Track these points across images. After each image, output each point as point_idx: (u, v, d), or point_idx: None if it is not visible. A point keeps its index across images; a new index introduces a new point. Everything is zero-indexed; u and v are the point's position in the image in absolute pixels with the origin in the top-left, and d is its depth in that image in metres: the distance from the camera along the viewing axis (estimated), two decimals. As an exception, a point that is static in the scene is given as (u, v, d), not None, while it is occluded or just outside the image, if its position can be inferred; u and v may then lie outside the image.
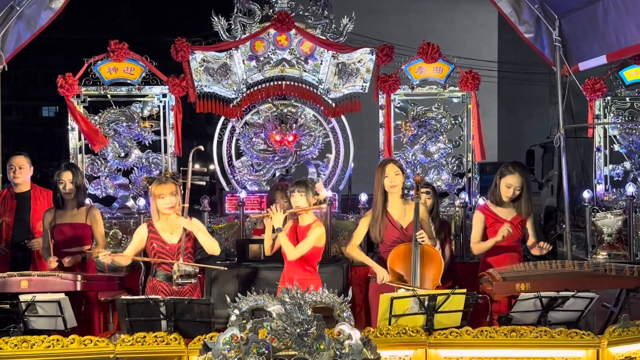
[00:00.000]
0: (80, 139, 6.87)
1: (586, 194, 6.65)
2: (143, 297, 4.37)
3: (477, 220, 5.38)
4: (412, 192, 5.05)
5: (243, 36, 6.97)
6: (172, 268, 4.75)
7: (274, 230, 4.94)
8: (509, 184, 5.23)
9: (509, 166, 5.31)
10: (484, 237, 5.31)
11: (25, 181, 6.07)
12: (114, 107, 6.95)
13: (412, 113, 7.15)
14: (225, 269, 5.17)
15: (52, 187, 5.58)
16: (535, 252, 5.40)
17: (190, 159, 5.07)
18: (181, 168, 5.17)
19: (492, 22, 24.92)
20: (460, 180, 7.23)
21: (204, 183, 5.25)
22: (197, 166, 5.16)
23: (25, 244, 5.89)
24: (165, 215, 4.84)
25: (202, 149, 5.34)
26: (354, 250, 5.14)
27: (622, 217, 6.62)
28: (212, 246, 4.89)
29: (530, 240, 5.40)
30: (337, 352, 2.99)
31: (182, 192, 4.91)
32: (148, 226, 4.91)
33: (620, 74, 7.21)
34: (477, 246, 5.32)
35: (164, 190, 4.79)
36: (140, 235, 4.91)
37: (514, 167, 5.27)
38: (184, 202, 4.87)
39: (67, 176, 5.43)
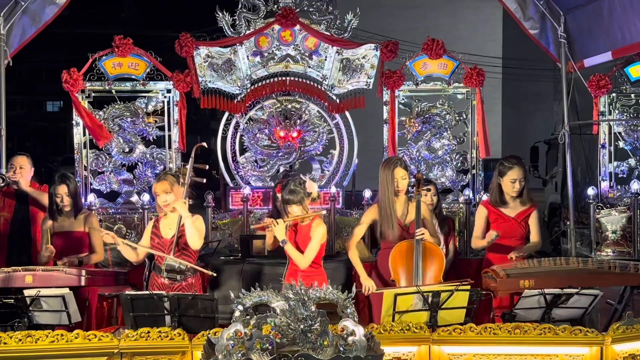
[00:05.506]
0: (84, 134, 6.88)
1: (590, 191, 6.64)
2: (147, 292, 4.40)
3: (480, 215, 5.40)
4: (413, 190, 5.07)
5: (247, 32, 6.97)
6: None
7: (279, 243, 4.92)
8: (514, 179, 5.23)
9: (504, 162, 5.31)
10: (487, 232, 5.33)
11: (26, 181, 6.09)
12: (119, 102, 6.95)
13: (417, 109, 7.14)
14: (214, 274, 5.05)
15: (49, 198, 5.57)
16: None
17: (192, 155, 5.09)
18: (182, 163, 5.18)
19: (497, 17, 24.87)
20: (464, 176, 7.23)
21: (204, 180, 5.26)
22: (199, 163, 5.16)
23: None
24: (167, 211, 4.90)
25: (206, 145, 5.35)
26: (351, 251, 5.18)
27: (627, 214, 6.61)
28: (192, 238, 4.83)
29: (533, 238, 5.36)
30: (341, 348, 2.99)
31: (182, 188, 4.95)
32: (154, 222, 5.01)
33: (625, 71, 7.18)
34: (475, 241, 5.41)
35: (157, 189, 4.92)
36: (147, 231, 5.03)
37: (511, 162, 5.28)
38: (184, 198, 4.90)
39: (62, 190, 5.46)
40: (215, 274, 5.08)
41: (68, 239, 5.43)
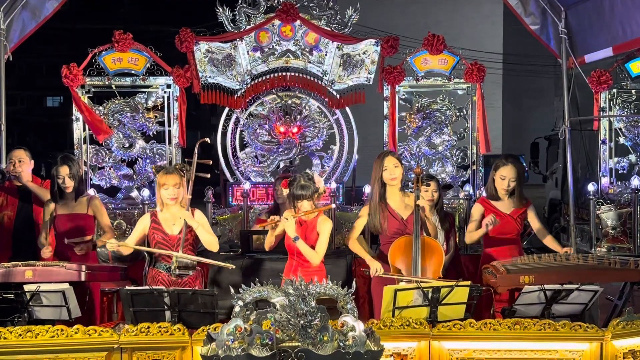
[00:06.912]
0: (84, 129, 6.87)
1: (591, 187, 6.64)
2: (147, 287, 4.39)
3: (475, 211, 5.45)
4: (411, 184, 5.06)
5: (248, 27, 6.95)
6: (172, 259, 4.78)
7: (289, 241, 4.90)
8: (503, 176, 5.31)
9: (502, 159, 5.41)
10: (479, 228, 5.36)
11: (27, 174, 6.07)
12: (119, 97, 6.95)
13: (417, 105, 7.13)
14: (233, 266, 5.02)
15: (51, 180, 5.57)
16: (549, 243, 5.40)
17: (196, 150, 5.08)
18: (186, 159, 5.16)
19: (498, 13, 24.82)
20: (465, 172, 7.23)
21: (208, 176, 5.24)
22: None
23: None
24: (169, 205, 4.85)
25: (209, 141, 5.32)
26: (351, 244, 5.18)
27: (627, 210, 6.61)
28: (210, 242, 4.90)
29: (537, 228, 5.40)
30: (341, 344, 2.99)
31: (187, 183, 4.92)
32: (151, 216, 4.94)
33: (626, 67, 7.18)
34: (469, 235, 5.42)
35: (168, 181, 4.82)
36: (142, 225, 4.94)
37: (506, 159, 5.38)
38: (187, 194, 4.88)
39: (64, 171, 5.42)
40: (234, 266, 5.04)
41: (71, 221, 5.42)
